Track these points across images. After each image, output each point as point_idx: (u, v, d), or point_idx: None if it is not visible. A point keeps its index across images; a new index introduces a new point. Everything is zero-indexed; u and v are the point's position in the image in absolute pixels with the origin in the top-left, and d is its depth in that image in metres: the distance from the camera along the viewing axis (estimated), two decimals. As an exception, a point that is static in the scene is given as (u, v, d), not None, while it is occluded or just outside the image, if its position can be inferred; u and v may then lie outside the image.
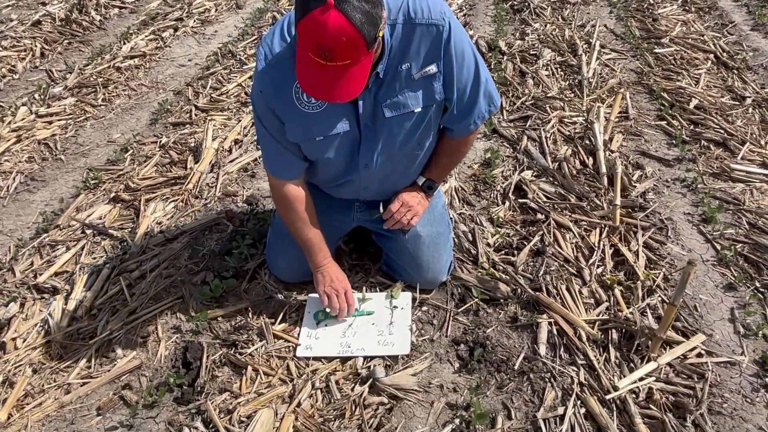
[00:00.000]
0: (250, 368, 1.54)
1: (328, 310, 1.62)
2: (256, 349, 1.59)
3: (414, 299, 1.71)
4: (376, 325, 1.63)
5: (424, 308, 1.71)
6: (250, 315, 1.68)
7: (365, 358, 1.55)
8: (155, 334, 1.66)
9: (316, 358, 1.56)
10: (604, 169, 2.23)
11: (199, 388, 1.49)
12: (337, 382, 1.50)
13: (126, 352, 1.61)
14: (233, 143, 2.50)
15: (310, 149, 1.45)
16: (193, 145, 2.50)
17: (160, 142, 2.53)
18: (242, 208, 2.12)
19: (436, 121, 1.48)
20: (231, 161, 2.38)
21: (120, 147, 2.53)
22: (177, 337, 1.65)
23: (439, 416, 1.42)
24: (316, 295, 1.69)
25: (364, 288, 1.75)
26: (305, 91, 1.17)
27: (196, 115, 2.72)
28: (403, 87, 1.34)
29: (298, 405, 1.44)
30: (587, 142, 2.43)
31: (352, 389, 1.48)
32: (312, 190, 1.64)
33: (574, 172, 2.27)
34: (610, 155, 2.34)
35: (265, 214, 2.04)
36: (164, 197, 2.20)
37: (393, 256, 1.72)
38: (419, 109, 1.39)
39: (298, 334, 1.62)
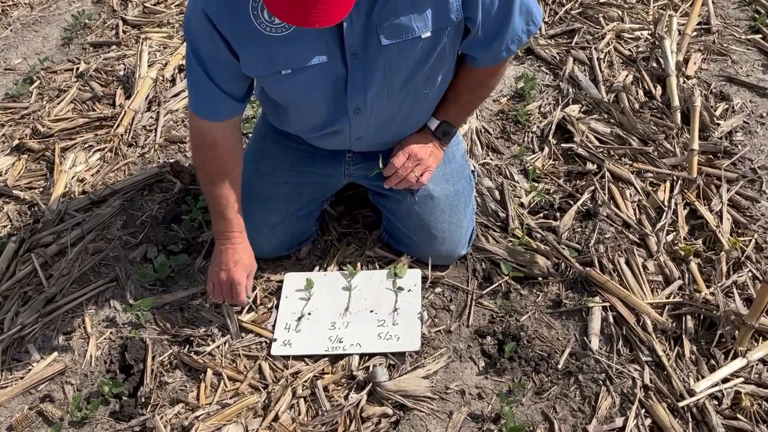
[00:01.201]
0: (210, 372, 1.55)
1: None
2: (218, 347, 1.60)
3: (425, 278, 1.71)
4: (376, 313, 1.64)
5: (438, 290, 1.71)
6: (208, 302, 1.68)
7: (362, 356, 1.56)
8: (82, 329, 1.66)
9: (297, 358, 1.57)
10: (676, 102, 2.21)
11: (143, 399, 1.50)
12: (326, 389, 1.51)
13: (44, 353, 1.61)
14: (177, 71, 2.47)
15: (275, 88, 1.43)
16: (122, 74, 2.47)
17: (78, 69, 2.50)
18: (192, 160, 2.11)
19: (452, 49, 1.45)
20: (175, 95, 2.37)
21: (22, 77, 2.49)
22: (111, 333, 1.65)
23: (459, 431, 1.43)
24: (297, 274, 1.71)
25: (359, 264, 1.76)
26: (272, 12, 1.13)
27: (125, 31, 2.67)
28: (406, 2, 1.31)
29: (275, 419, 1.45)
30: (654, 65, 2.41)
31: (346, 397, 1.49)
32: (288, 139, 1.65)
33: (637, 106, 2.25)
34: (685, 82, 2.31)
35: None
36: (86, 145, 2.18)
37: (397, 223, 1.73)
38: (428, 34, 1.36)
39: (274, 326, 1.63)
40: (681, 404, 1.45)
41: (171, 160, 2.08)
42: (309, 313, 1.65)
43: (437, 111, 1.61)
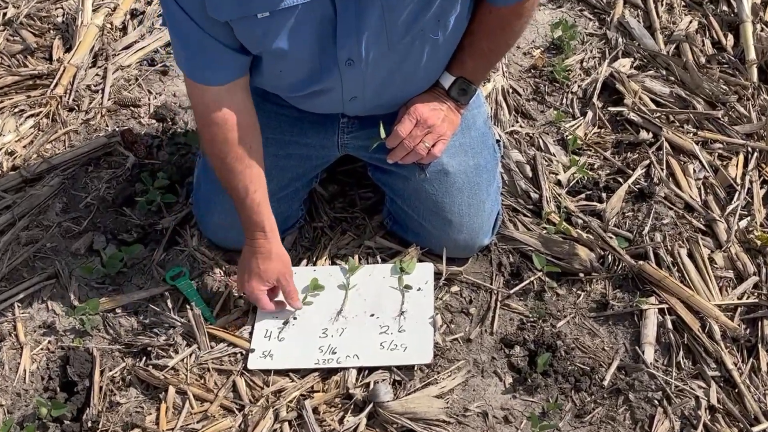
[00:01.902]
0: (172, 390, 1.54)
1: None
2: (183, 360, 1.60)
3: (438, 274, 1.71)
4: (378, 318, 1.65)
5: (455, 289, 1.72)
6: (170, 303, 1.68)
7: (360, 370, 1.56)
8: (13, 338, 1.66)
9: (280, 372, 1.58)
10: (752, 55, 2.20)
11: (89, 424, 1.49)
12: (315, 411, 1.51)
13: (-34, 366, 1.61)
14: (128, 16, 2.46)
15: (248, 35, 1.41)
16: (60, 20, 2.45)
17: (4, 15, 2.48)
18: (149, 128, 2.11)
19: None
20: (126, 47, 2.37)
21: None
22: (50, 342, 1.65)
23: (481, 462, 1.45)
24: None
25: (356, 257, 1.76)
26: None
27: (63, -32, 2.63)
28: None
29: (254, 448, 1.46)
30: (725, 8, 2.40)
31: (341, 421, 1.48)
32: (265, 99, 1.65)
33: (703, 60, 2.24)
34: (762, 30, 2.29)
35: (188, 137, 2.04)
36: (16, 110, 2.18)
37: (403, 205, 1.73)
38: None
39: (251, 334, 1.63)
40: (755, 429, 1.45)
41: (122, 128, 2.07)
42: (294, 318, 1.65)
43: (451, 65, 1.60)
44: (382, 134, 1.61)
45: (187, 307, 1.64)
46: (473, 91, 1.63)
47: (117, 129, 2.08)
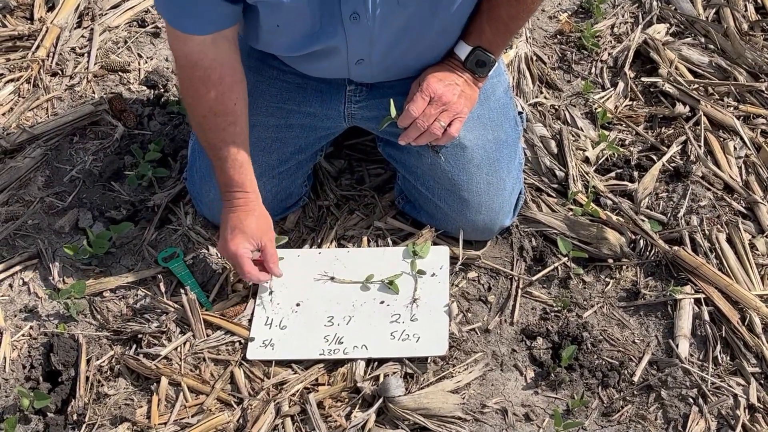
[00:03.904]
0: (165, 381, 1.54)
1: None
2: (176, 348, 1.60)
3: (454, 259, 1.71)
4: (388, 305, 1.65)
5: (473, 274, 1.72)
6: (162, 287, 1.68)
7: (369, 362, 1.57)
8: None
9: (282, 363, 1.58)
10: None
11: (75, 417, 1.49)
12: (321, 405, 1.51)
13: (-59, 353, 1.61)
14: None
15: None
16: None
17: None
18: (139, 95, 2.11)
19: None
20: (114, 6, 2.37)
21: None
22: (32, 328, 1.65)
23: (500, 463, 1.45)
24: (281, 251, 1.71)
25: (365, 240, 1.76)
26: None
27: None
28: None
29: (253, 445, 1.46)
30: None
31: (348, 417, 1.48)
32: (265, 63, 1.64)
33: (745, 26, 2.24)
34: None
35: (182, 106, 2.03)
36: None
37: (416, 183, 1.74)
38: None
39: (250, 321, 1.63)
40: (800, 431, 1.46)
41: (110, 95, 2.06)
42: (297, 305, 1.65)
43: (468, 33, 1.59)
44: (393, 112, 1.60)
45: (181, 291, 1.64)
46: (492, 62, 1.61)
47: (104, 96, 2.08)
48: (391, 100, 1.60)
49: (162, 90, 2.12)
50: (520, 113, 1.84)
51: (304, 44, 1.52)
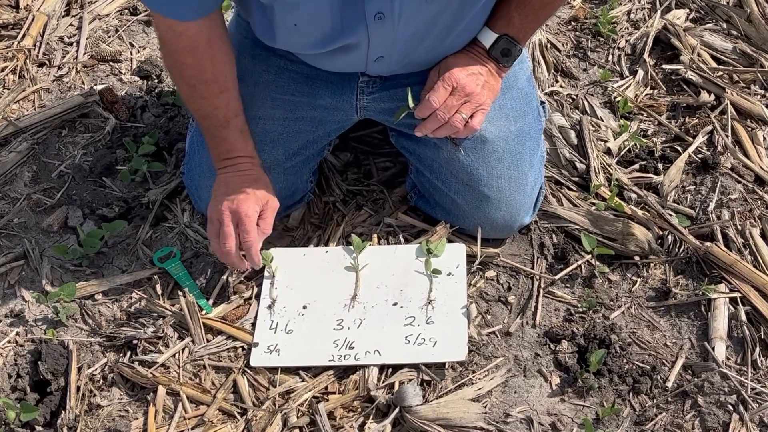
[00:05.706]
0: (162, 390, 1.53)
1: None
2: (174, 355, 1.59)
3: (472, 257, 1.71)
4: (402, 307, 1.64)
5: (491, 274, 1.71)
6: (159, 289, 1.67)
7: (383, 368, 1.56)
8: None
9: (288, 370, 1.57)
10: None
11: (65, 430, 1.48)
12: (331, 415, 1.50)
13: None
14: None
15: None
16: None
17: None
18: (132, 86, 2.11)
19: None
20: None
21: None
22: (18, 334, 1.65)
23: (526, 476, 1.45)
24: (285, 251, 1.74)
25: (375, 237, 1.75)
26: None
27: None
28: None
29: (259, 459, 1.47)
30: None
31: (362, 428, 1.47)
32: (271, 52, 1.67)
33: None
34: None
35: (177, 97, 2.06)
36: None
37: (431, 177, 1.73)
38: None
39: (254, 325, 1.62)
40: None
41: (101, 86, 2.07)
42: (304, 307, 1.64)
43: (495, 20, 1.58)
44: (411, 103, 1.58)
45: (179, 293, 1.65)
46: (518, 52, 1.61)
47: (94, 87, 2.08)
48: (409, 89, 1.59)
49: (155, 80, 2.14)
50: (542, 103, 1.84)
51: (324, 43, 1.53)
